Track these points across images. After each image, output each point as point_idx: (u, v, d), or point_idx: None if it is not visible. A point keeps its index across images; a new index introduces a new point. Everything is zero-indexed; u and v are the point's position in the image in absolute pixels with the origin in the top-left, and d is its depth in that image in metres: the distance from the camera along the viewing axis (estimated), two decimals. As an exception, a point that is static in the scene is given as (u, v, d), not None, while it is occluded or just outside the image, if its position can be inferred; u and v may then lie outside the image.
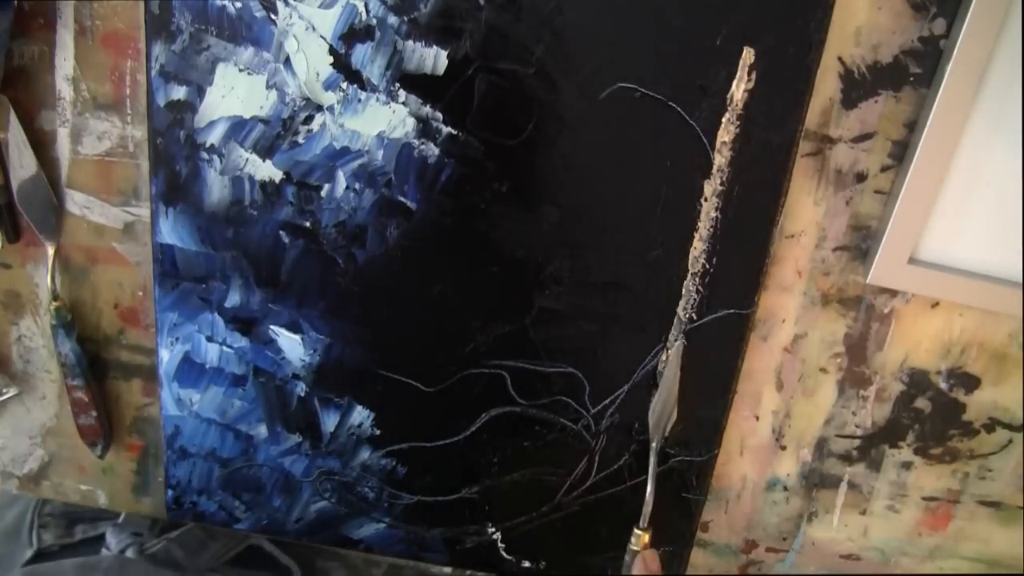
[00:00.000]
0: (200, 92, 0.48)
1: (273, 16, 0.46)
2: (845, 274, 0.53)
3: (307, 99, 0.48)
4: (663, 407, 0.54)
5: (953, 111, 0.47)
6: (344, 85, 0.47)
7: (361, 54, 0.47)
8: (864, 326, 0.55)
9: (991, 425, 0.58)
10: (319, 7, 0.46)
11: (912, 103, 0.49)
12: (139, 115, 0.50)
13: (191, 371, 0.55)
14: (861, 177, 0.51)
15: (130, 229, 0.53)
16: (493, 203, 0.50)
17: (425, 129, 0.48)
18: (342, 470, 0.57)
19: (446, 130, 0.48)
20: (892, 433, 0.58)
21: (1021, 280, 0.52)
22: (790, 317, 0.55)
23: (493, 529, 0.59)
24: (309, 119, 0.48)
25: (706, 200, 0.49)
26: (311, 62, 0.47)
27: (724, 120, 0.47)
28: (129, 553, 0.61)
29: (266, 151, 0.49)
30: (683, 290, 0.52)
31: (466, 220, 0.50)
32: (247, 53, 0.47)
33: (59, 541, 0.64)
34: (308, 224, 0.50)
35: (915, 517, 0.62)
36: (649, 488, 0.55)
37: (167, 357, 0.55)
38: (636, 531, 0.55)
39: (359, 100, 0.48)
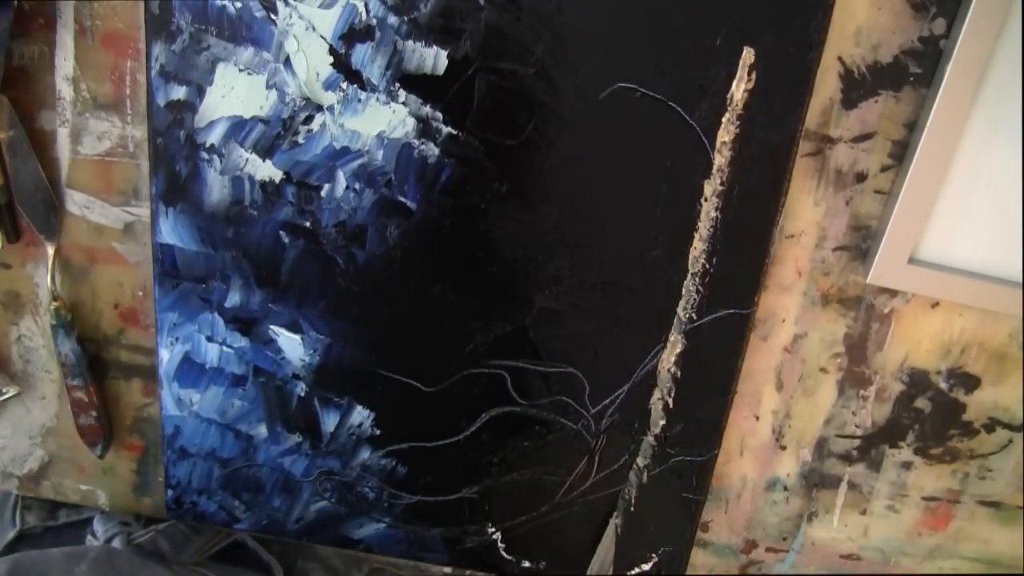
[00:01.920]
0: (200, 92, 0.48)
1: (273, 16, 0.46)
2: (845, 274, 0.53)
3: (307, 99, 0.48)
4: (600, 565, 0.59)
5: (953, 111, 0.47)
6: (344, 85, 0.47)
7: (361, 54, 0.47)
8: (864, 326, 0.55)
9: (991, 425, 0.58)
10: (319, 7, 0.46)
11: (912, 103, 0.49)
12: (139, 115, 0.50)
13: (191, 371, 0.55)
14: (861, 177, 0.51)
15: (130, 229, 0.53)
16: (493, 203, 0.50)
17: (425, 129, 0.48)
18: (342, 470, 0.57)
19: (446, 130, 0.48)
20: (892, 433, 0.58)
21: (1021, 280, 0.52)
22: (790, 317, 0.55)
23: (493, 529, 0.59)
24: (309, 119, 0.48)
25: (706, 200, 0.49)
26: (311, 62, 0.47)
27: (724, 120, 0.47)
28: (116, 543, 0.61)
29: (266, 151, 0.49)
30: (683, 290, 0.52)
31: (466, 220, 0.50)
32: (247, 53, 0.47)
33: (42, 524, 0.64)
34: (308, 224, 0.50)
35: (915, 517, 0.62)
36: None
37: (167, 357, 0.55)
38: None
39: (359, 100, 0.48)
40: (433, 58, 0.46)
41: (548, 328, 0.53)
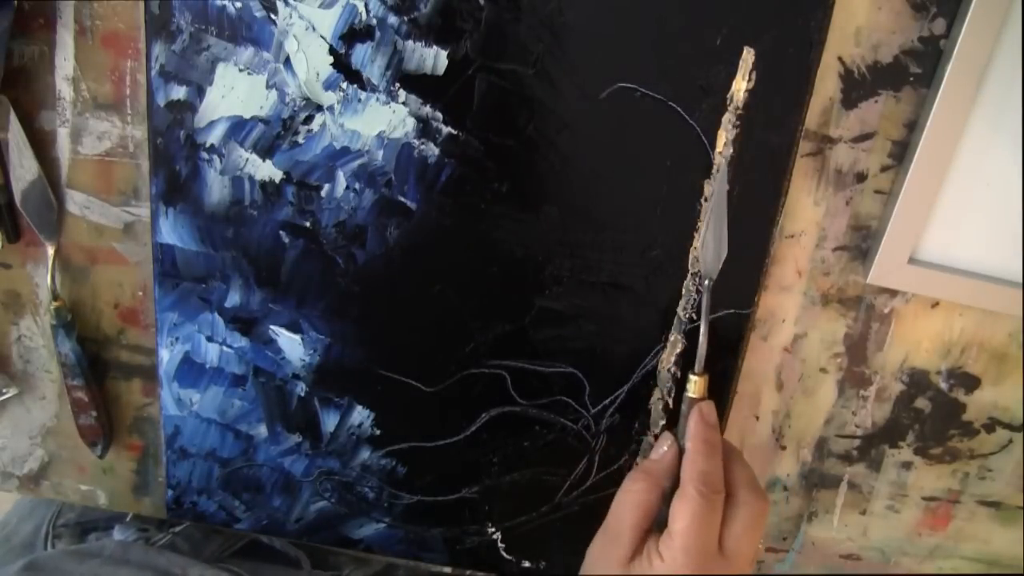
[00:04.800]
0: (200, 92, 0.48)
1: (273, 16, 0.46)
2: (845, 274, 0.53)
3: (307, 99, 0.48)
4: (715, 239, 0.48)
5: (953, 111, 0.47)
6: (344, 85, 0.47)
7: (361, 54, 0.47)
8: (864, 326, 0.55)
9: (991, 425, 0.58)
10: (319, 7, 0.46)
11: (912, 103, 0.49)
12: (139, 115, 0.50)
13: (191, 371, 0.55)
14: (861, 177, 0.51)
15: (130, 229, 0.53)
16: (493, 203, 0.50)
17: (425, 129, 0.48)
18: (342, 470, 0.57)
19: (446, 130, 0.48)
20: (892, 433, 0.58)
21: (1021, 280, 0.52)
22: (790, 317, 0.55)
23: (493, 529, 0.59)
24: (309, 119, 0.48)
25: (706, 200, 0.49)
26: (311, 62, 0.47)
27: (724, 120, 0.47)
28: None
29: (266, 151, 0.49)
30: (683, 290, 0.52)
31: (466, 220, 0.50)
32: (247, 53, 0.47)
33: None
34: (308, 224, 0.50)
35: (915, 517, 0.62)
36: (703, 329, 0.48)
37: (167, 357, 0.55)
38: (692, 376, 0.47)
39: (359, 100, 0.48)
40: (433, 58, 0.46)
41: (548, 328, 0.53)
